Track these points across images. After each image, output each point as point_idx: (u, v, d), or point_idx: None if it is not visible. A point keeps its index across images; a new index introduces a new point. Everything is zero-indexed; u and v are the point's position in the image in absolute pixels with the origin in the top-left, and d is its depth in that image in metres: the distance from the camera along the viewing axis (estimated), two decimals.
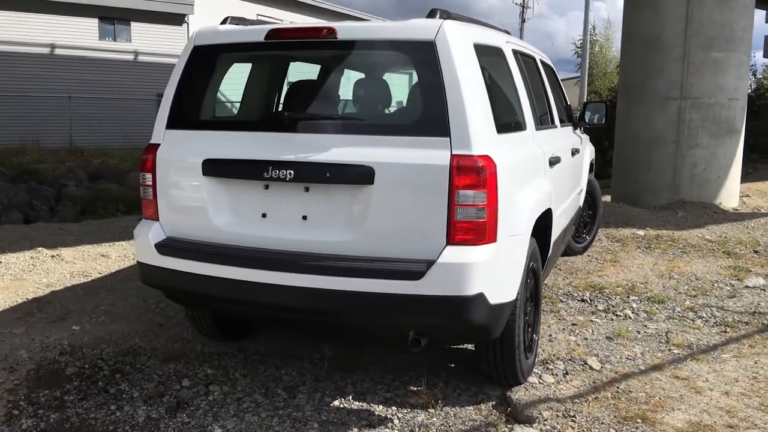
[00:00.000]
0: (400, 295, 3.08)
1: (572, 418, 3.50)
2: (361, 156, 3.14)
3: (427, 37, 3.16)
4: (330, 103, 3.58)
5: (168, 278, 3.56)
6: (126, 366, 4.07)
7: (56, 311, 5.05)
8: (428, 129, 3.12)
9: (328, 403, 3.67)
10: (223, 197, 3.45)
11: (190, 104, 3.62)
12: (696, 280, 5.93)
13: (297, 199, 3.30)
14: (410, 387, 3.84)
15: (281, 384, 3.88)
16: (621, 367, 4.13)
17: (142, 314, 4.95)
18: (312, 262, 3.19)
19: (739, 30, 9.41)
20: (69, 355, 4.17)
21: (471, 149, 3.06)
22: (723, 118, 9.57)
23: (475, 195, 3.05)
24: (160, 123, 3.64)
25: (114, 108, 24.81)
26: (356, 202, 3.20)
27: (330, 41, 3.31)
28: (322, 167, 3.17)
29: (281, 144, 3.29)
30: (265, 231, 3.37)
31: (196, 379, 3.93)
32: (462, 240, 3.08)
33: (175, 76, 3.61)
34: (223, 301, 3.52)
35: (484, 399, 3.70)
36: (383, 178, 3.11)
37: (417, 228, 3.13)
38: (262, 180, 3.31)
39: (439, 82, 3.10)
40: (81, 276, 5.96)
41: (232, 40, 3.59)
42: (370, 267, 3.12)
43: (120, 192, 15.46)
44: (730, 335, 4.71)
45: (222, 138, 3.49)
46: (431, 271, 3.04)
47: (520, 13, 43.49)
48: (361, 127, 3.30)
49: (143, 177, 3.67)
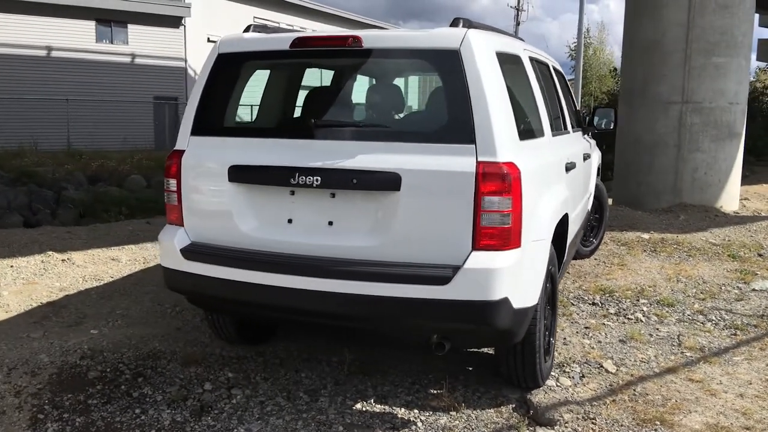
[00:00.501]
0: (427, 299, 3.13)
1: (592, 421, 3.56)
2: (388, 163, 3.19)
3: (452, 46, 3.22)
4: (355, 111, 3.63)
5: (193, 283, 3.60)
6: (147, 370, 4.11)
7: (72, 315, 5.08)
8: (454, 136, 3.17)
9: (351, 406, 3.71)
10: (249, 203, 3.49)
11: (215, 111, 3.67)
12: (703, 283, 6.00)
13: (323, 205, 3.35)
14: (431, 390, 3.89)
15: (302, 387, 3.93)
16: (636, 370, 4.19)
17: (159, 318, 4.99)
18: (339, 267, 3.24)
19: (739, 35, 9.52)
20: (90, 359, 4.20)
21: (496, 156, 3.12)
22: (723, 122, 9.67)
23: (500, 201, 3.11)
24: (184, 130, 3.68)
25: (111, 110, 24.82)
26: (382, 208, 3.25)
27: (355, 49, 3.36)
28: (349, 174, 3.22)
29: (308, 151, 3.34)
30: (291, 236, 3.41)
31: (218, 382, 3.97)
32: (487, 245, 3.13)
33: (200, 83, 3.65)
34: (249, 306, 3.56)
35: (504, 402, 3.75)
36: (409, 185, 3.16)
37: (442, 233, 3.18)
38: (288, 186, 3.36)
39: (464, 90, 3.15)
40: (93, 280, 5.99)
41: (257, 48, 3.63)
42: (398, 272, 3.17)
43: (120, 195, 15.46)
44: (741, 338, 4.79)
45: (247, 144, 3.54)
46: (458, 276, 3.09)
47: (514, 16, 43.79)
48: (387, 134, 3.36)
49: (168, 183, 3.71)
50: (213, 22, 28.05)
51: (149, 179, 17.50)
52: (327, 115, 3.59)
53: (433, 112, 3.37)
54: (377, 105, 3.59)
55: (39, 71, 23.52)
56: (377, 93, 3.75)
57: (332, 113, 3.63)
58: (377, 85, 3.89)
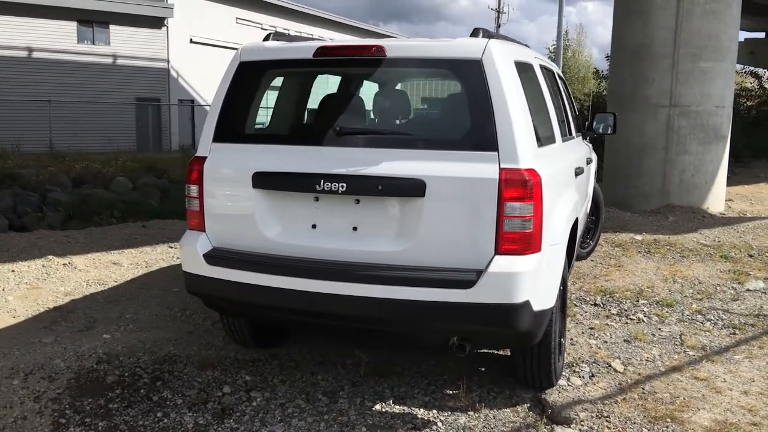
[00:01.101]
0: (451, 303, 3.22)
1: (606, 419, 3.66)
2: (413, 170, 3.27)
3: (474, 56, 3.31)
4: (378, 118, 3.70)
5: (216, 287, 3.65)
6: (165, 374, 4.14)
7: (81, 320, 5.09)
8: (476, 143, 3.26)
9: (370, 407, 3.78)
10: (273, 209, 3.55)
11: (237, 118, 3.72)
12: (699, 284, 6.16)
13: (347, 210, 3.42)
14: (446, 391, 3.97)
15: (320, 389, 3.99)
16: (643, 369, 4.31)
17: (170, 322, 5.02)
18: (365, 271, 3.31)
19: (725, 40, 9.74)
20: (106, 363, 4.23)
21: (518, 163, 3.21)
22: (710, 125, 9.88)
23: (522, 207, 3.20)
24: (206, 136, 3.73)
25: (94, 112, 24.63)
26: (407, 214, 3.32)
27: (379, 58, 3.44)
28: (374, 180, 3.30)
29: (332, 157, 3.41)
30: (315, 242, 3.48)
31: (236, 385, 4.02)
32: (509, 250, 3.23)
33: (221, 91, 3.71)
34: (272, 309, 3.62)
35: (519, 401, 3.85)
36: (434, 191, 3.24)
37: (465, 238, 3.27)
38: (313, 192, 3.42)
39: (486, 99, 3.25)
40: (97, 284, 6.00)
41: (279, 57, 3.69)
42: (422, 276, 3.25)
43: (107, 197, 15.33)
44: (740, 337, 4.93)
45: (271, 151, 3.60)
46: (481, 280, 3.18)
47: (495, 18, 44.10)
48: (411, 141, 3.44)
49: (189, 189, 3.75)
50: (195, 22, 27.95)
51: (134, 181, 17.41)
52: (351, 123, 3.66)
53: (455, 120, 3.45)
54: (400, 113, 3.66)
55: (20, 72, 23.28)
56: (400, 101, 3.83)
57: (356, 121, 3.70)
58: (399, 94, 3.97)
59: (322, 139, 3.54)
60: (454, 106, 3.63)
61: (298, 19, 33.28)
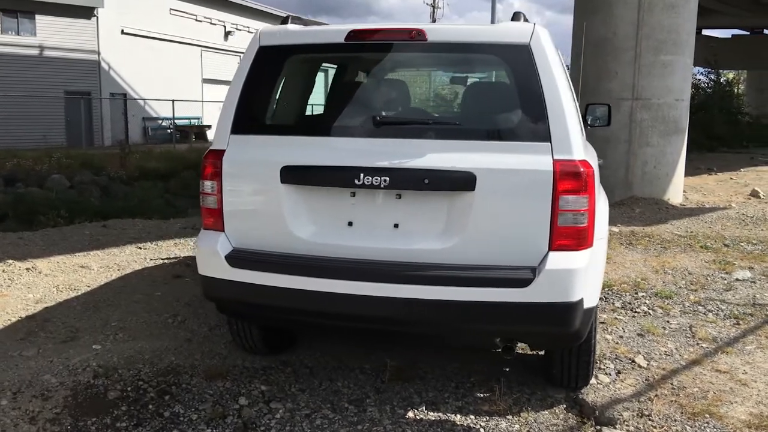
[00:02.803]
0: (505, 303, 3.04)
1: (648, 418, 3.56)
2: (462, 162, 3.06)
3: (522, 41, 3.13)
4: (420, 107, 3.47)
5: (241, 292, 3.35)
6: (171, 386, 3.81)
7: (61, 330, 4.66)
8: (528, 134, 3.09)
9: (402, 414, 3.57)
10: (303, 206, 3.28)
11: (259, 108, 3.42)
12: (689, 274, 6.20)
13: (388, 206, 3.18)
14: (477, 394, 3.80)
15: (344, 397, 3.75)
16: (665, 364, 4.24)
17: (163, 330, 4.65)
18: (411, 271, 3.09)
19: (684, 34, 9.92)
20: (104, 377, 3.86)
21: (572, 154, 3.06)
22: (671, 117, 10.06)
23: (576, 200, 3.05)
24: (223, 128, 3.41)
25: (20, 106, 23.30)
26: (455, 209, 3.12)
27: (419, 43, 3.21)
28: (420, 174, 3.07)
29: (371, 150, 3.16)
30: (351, 240, 3.23)
31: (252, 396, 3.73)
32: (563, 245, 3.07)
33: (239, 78, 3.39)
34: (305, 314, 3.35)
35: (554, 402, 3.71)
36: (485, 185, 3.05)
37: (517, 234, 3.09)
38: (350, 187, 3.17)
39: (537, 87, 3.07)
40: (69, 290, 5.54)
41: (306, 41, 3.41)
42: (474, 275, 3.05)
43: (44, 196, 14.45)
44: (744, 327, 4.95)
45: (300, 143, 3.32)
46: (538, 278, 3.01)
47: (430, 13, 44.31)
48: (458, 131, 3.23)
49: (205, 185, 3.43)
50: (127, 13, 26.85)
51: (70, 179, 16.53)
52: (390, 112, 3.42)
53: (504, 109, 3.26)
54: (444, 101, 3.45)
55: None
56: (444, 89, 3.61)
57: (395, 110, 3.46)
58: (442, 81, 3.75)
59: (358, 130, 3.29)
60: (501, 94, 3.45)
61: (232, 10, 32.47)
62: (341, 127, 3.38)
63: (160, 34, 28.32)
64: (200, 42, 30.71)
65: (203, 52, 31.05)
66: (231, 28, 32.50)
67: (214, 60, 31.76)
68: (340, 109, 3.52)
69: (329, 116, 3.42)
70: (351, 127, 3.36)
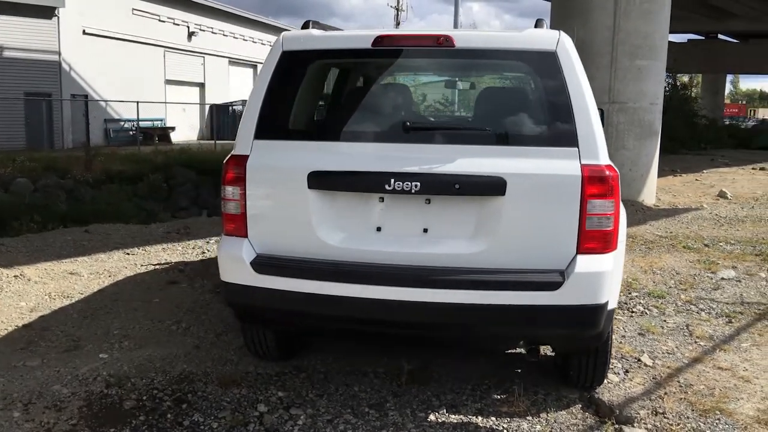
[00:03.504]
0: (536, 306, 3.09)
1: (663, 416, 3.65)
2: (493, 167, 3.10)
3: (549, 48, 3.19)
4: (449, 113, 3.49)
5: (266, 298, 3.32)
6: (187, 394, 3.77)
7: (61, 339, 4.56)
8: (556, 139, 3.15)
9: (425, 418, 3.59)
10: (331, 211, 3.28)
11: (283, 113, 3.41)
12: (677, 274, 6.36)
13: (417, 211, 3.21)
14: (494, 396, 3.84)
15: (363, 402, 3.75)
16: (669, 362, 4.35)
17: (169, 336, 4.59)
18: (442, 275, 3.12)
19: (658, 39, 10.18)
20: (117, 387, 3.80)
21: (599, 159, 3.13)
22: (645, 121, 10.30)
23: (603, 204, 3.12)
24: (246, 133, 3.39)
25: None
26: (485, 214, 3.15)
27: (446, 49, 3.24)
28: (452, 179, 3.11)
29: (400, 155, 3.18)
30: (380, 245, 3.24)
31: (271, 403, 3.71)
32: (591, 249, 3.13)
33: (262, 83, 3.37)
34: (333, 320, 3.35)
35: (570, 402, 3.77)
36: (515, 189, 3.10)
37: (546, 238, 3.15)
38: (380, 192, 3.18)
39: (564, 93, 3.14)
40: (62, 297, 5.42)
41: (331, 46, 3.41)
42: (506, 279, 3.10)
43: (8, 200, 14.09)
44: (737, 325, 5.10)
45: (327, 149, 3.32)
46: (569, 281, 3.07)
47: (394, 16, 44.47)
48: (487, 137, 3.27)
49: (226, 190, 3.40)
50: (89, 13, 26.27)
51: (35, 182, 16.13)
52: (417, 118, 3.44)
53: (531, 115, 3.31)
54: (473, 107, 3.48)
55: None
56: (470, 94, 3.64)
57: (423, 116, 3.48)
58: (470, 87, 3.78)
59: (386, 135, 3.30)
60: (528, 100, 3.50)
61: (196, 10, 32.01)
62: (369, 132, 3.39)
63: (122, 34, 27.78)
64: (163, 42, 30.24)
65: (166, 53, 30.57)
66: (194, 28, 32.08)
67: (177, 61, 31.31)
68: (367, 115, 3.53)
69: (356, 122, 3.43)
70: (379, 133, 3.37)
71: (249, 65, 37.26)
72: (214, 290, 5.56)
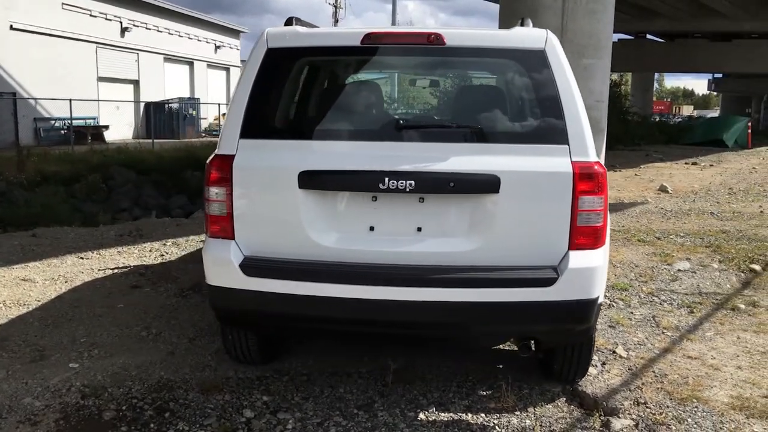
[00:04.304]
0: (531, 302, 3.11)
1: (645, 405, 3.74)
2: (487, 165, 3.11)
3: (538, 46, 3.22)
4: (440, 111, 3.47)
5: (256, 301, 3.24)
6: (168, 402, 3.65)
7: (25, 349, 4.35)
8: (547, 136, 3.18)
9: (415, 417, 3.58)
10: (322, 211, 3.22)
11: (270, 111, 3.33)
12: (636, 267, 6.54)
13: (411, 210, 3.18)
14: (480, 392, 3.86)
15: (351, 403, 3.71)
16: (641, 353, 4.46)
17: (140, 343, 4.42)
18: (437, 274, 3.10)
19: (604, 39, 10.41)
20: (94, 397, 3.65)
21: (588, 156, 3.18)
22: (593, 118, 10.42)
23: (593, 200, 3.17)
24: (230, 132, 3.29)
25: None
26: (479, 211, 3.16)
27: (436, 47, 3.22)
28: (446, 177, 3.10)
29: (393, 153, 3.15)
30: (373, 245, 3.20)
31: (257, 408, 3.63)
32: (582, 244, 3.18)
33: (247, 81, 3.28)
34: (328, 321, 3.29)
35: (554, 396, 3.82)
36: (508, 187, 3.11)
37: (539, 235, 3.18)
38: (373, 192, 3.14)
39: (554, 91, 3.17)
40: (18, 305, 5.16)
41: (318, 44, 3.35)
42: (500, 276, 3.11)
43: None
44: (698, 315, 5.28)
45: (317, 148, 3.25)
46: (562, 276, 3.10)
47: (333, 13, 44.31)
48: (479, 135, 3.27)
49: (211, 191, 3.30)
50: (16, 8, 25.16)
51: None
52: (409, 116, 3.41)
53: (522, 113, 3.33)
54: (464, 105, 3.46)
55: None
56: (464, 92, 3.62)
57: (414, 114, 3.45)
58: (461, 84, 3.76)
59: (377, 134, 3.27)
60: (518, 98, 3.52)
61: (129, 6, 31.03)
62: (360, 131, 3.35)
63: (51, 30, 26.70)
64: (95, 38, 29.23)
65: (99, 49, 29.57)
66: (128, 24, 31.13)
67: (110, 57, 30.32)
68: (357, 113, 3.48)
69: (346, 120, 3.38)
70: (370, 131, 3.34)
71: (185, 62, 36.46)
72: (179, 294, 5.41)
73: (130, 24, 31.37)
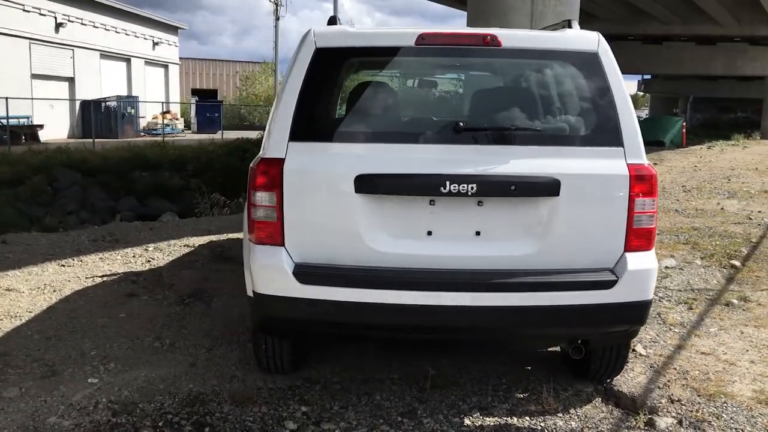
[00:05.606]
0: (590, 305, 3.12)
1: (680, 403, 3.81)
2: (547, 168, 3.10)
3: (591, 49, 3.23)
4: (498, 114, 3.41)
5: (310, 310, 3.13)
6: (205, 417, 3.50)
7: (32, 364, 4.09)
8: (603, 139, 3.19)
9: (460, 423, 3.54)
10: (379, 215, 3.14)
11: (319, 113, 3.22)
12: None
13: (469, 213, 3.14)
14: (517, 395, 3.85)
15: (392, 411, 3.65)
16: (658, 350, 4.55)
17: (157, 355, 4.23)
18: (498, 278, 3.08)
19: None
20: (126, 414, 3.46)
21: (642, 158, 3.21)
22: None
23: (647, 202, 3.21)
24: (279, 134, 3.16)
25: None
26: (539, 215, 3.14)
27: (492, 48, 3.19)
28: (508, 180, 3.07)
29: (453, 157, 3.10)
30: (431, 250, 3.15)
31: (298, 419, 3.52)
32: (637, 246, 3.21)
33: (296, 81, 3.16)
34: (386, 328, 3.21)
35: (590, 396, 3.85)
36: (568, 190, 3.11)
37: (596, 237, 3.19)
38: (432, 195, 3.08)
39: (608, 93, 3.19)
40: (10, 318, 4.86)
41: (370, 44, 3.26)
42: (560, 280, 3.11)
43: None
44: (698, 311, 5.43)
45: (374, 151, 3.16)
46: (622, 279, 3.12)
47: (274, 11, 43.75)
48: (538, 137, 3.24)
49: (259, 196, 3.17)
50: None
51: None
52: (466, 118, 3.35)
53: (578, 115, 3.32)
54: (520, 107, 3.42)
55: None
56: (519, 94, 3.58)
57: (472, 116, 3.39)
58: (518, 86, 3.71)
59: (435, 136, 3.20)
60: (573, 100, 3.50)
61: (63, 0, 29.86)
62: (418, 133, 3.27)
63: None
64: (28, 34, 28.00)
65: (32, 45, 28.34)
66: (62, 19, 29.93)
67: (44, 54, 29.11)
68: (412, 115, 3.40)
69: (401, 122, 3.29)
70: (428, 134, 3.27)
71: (122, 59, 35.34)
72: (180, 302, 5.20)
73: (65, 19, 30.20)
